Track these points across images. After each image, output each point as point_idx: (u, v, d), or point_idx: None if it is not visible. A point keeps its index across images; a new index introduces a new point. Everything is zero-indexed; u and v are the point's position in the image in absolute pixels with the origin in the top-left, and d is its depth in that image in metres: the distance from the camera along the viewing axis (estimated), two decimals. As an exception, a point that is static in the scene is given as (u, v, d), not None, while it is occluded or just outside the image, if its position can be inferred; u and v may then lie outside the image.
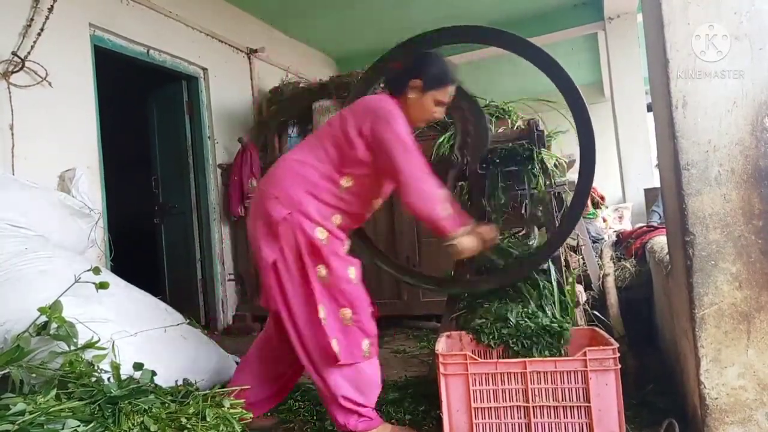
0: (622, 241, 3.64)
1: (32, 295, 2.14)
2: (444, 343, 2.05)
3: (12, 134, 3.09)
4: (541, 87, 2.57)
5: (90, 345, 2.01)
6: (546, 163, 2.54)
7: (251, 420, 1.86)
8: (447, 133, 2.86)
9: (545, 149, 2.60)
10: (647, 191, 5.14)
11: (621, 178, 6.22)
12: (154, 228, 5.06)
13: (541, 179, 2.49)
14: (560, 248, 2.38)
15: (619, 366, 1.75)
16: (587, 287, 3.04)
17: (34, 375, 1.87)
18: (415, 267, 3.85)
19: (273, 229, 1.95)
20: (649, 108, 3.64)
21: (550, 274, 2.27)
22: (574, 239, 3.05)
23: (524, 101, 3.07)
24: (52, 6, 3.31)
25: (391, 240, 3.96)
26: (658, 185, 2.37)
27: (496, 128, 3.05)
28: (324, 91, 4.53)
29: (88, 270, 2.27)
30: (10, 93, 3.11)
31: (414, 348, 3.48)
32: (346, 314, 1.94)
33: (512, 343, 2.01)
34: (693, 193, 1.68)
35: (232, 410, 1.80)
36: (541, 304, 2.16)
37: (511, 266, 2.33)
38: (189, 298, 4.71)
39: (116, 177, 4.42)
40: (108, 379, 1.92)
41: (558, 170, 2.64)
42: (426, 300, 3.98)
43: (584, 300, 2.58)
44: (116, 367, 2.00)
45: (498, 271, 2.35)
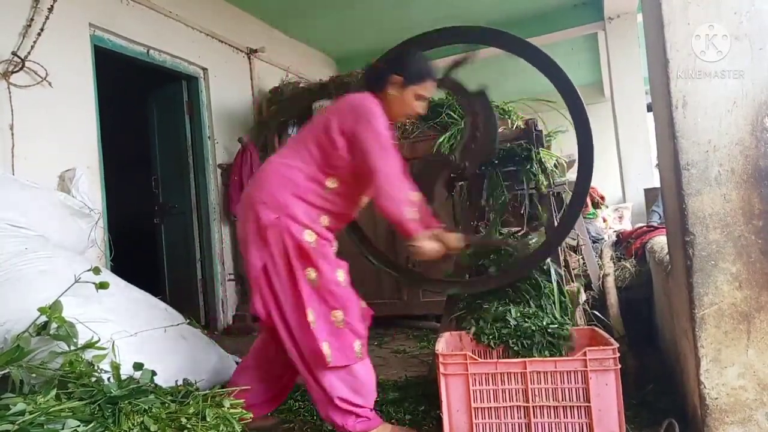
0: (622, 241, 3.65)
1: (32, 295, 2.15)
2: (444, 343, 2.05)
3: (12, 134, 3.09)
4: (541, 87, 2.57)
5: (90, 345, 2.01)
6: (545, 163, 2.54)
7: (251, 420, 1.86)
8: (447, 133, 2.86)
9: (544, 149, 2.60)
10: (647, 191, 5.14)
11: (621, 178, 6.22)
12: (154, 228, 5.06)
13: (541, 179, 2.49)
14: (559, 248, 2.38)
15: (619, 366, 1.75)
16: (587, 287, 3.04)
17: (34, 375, 1.87)
18: (415, 267, 3.84)
19: (262, 234, 1.95)
20: (649, 108, 3.64)
21: (550, 275, 2.27)
22: (574, 239, 3.05)
23: (524, 101, 3.07)
24: (52, 6, 3.31)
25: (391, 240, 3.95)
26: (658, 185, 2.37)
27: (496, 128, 3.05)
28: (324, 91, 4.53)
29: (88, 270, 2.28)
30: (10, 93, 3.11)
31: (414, 348, 3.47)
32: (338, 316, 1.94)
33: (512, 343, 2.01)
34: (693, 193, 1.68)
35: (232, 410, 1.79)
36: (541, 305, 2.16)
37: (511, 266, 2.33)
38: (189, 298, 4.71)
39: (116, 177, 4.42)
40: (108, 379, 1.92)
41: (558, 170, 2.64)
42: (426, 300, 3.98)
43: (584, 300, 2.58)
44: (116, 367, 2.00)
45: (497, 272, 2.34)
